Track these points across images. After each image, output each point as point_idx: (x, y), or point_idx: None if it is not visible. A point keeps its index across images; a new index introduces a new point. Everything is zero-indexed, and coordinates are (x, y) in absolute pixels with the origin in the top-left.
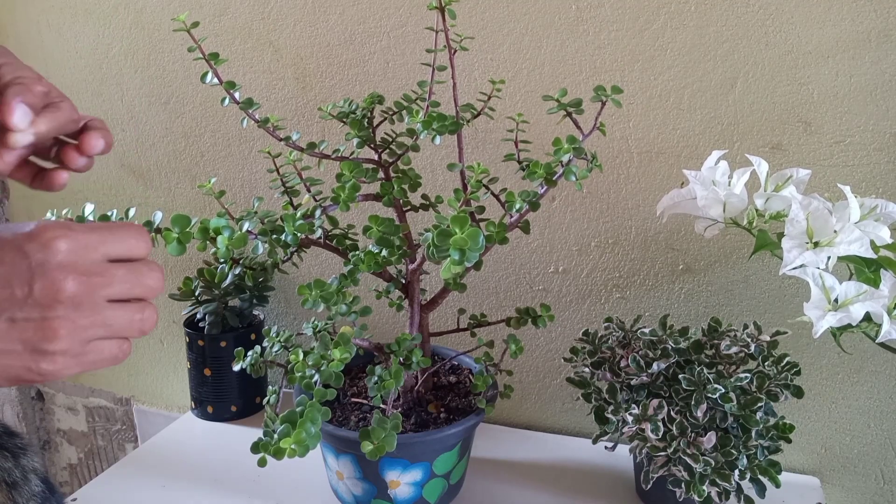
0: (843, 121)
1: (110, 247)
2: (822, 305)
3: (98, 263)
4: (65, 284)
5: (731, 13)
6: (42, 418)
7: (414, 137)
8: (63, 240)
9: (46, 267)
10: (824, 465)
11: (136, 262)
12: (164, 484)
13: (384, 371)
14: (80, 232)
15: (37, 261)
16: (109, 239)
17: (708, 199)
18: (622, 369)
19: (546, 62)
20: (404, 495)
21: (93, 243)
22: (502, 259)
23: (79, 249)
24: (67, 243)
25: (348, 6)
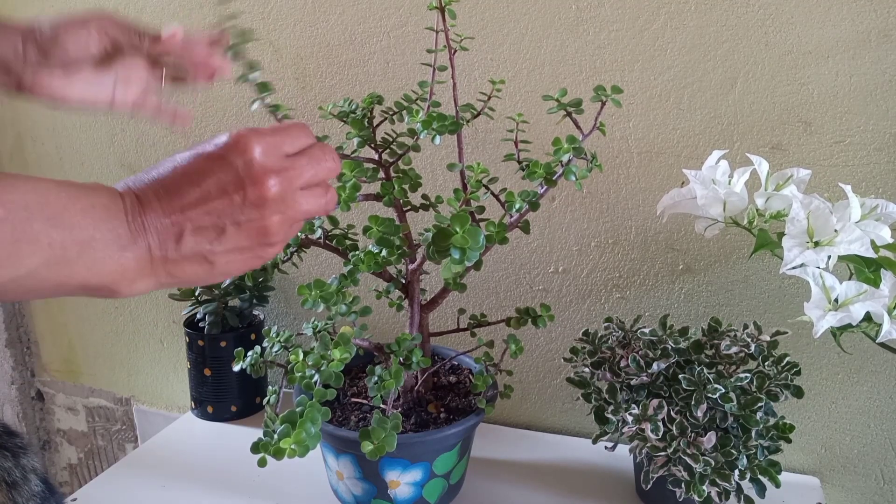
0: (843, 121)
1: (289, 144)
2: (823, 305)
3: (285, 159)
4: (269, 184)
5: (731, 13)
6: (42, 418)
7: (414, 137)
8: (257, 145)
9: (251, 171)
10: (824, 465)
11: (311, 150)
12: (164, 484)
13: (384, 371)
14: (267, 135)
15: (242, 167)
16: (287, 138)
17: (708, 199)
18: (622, 369)
19: (546, 62)
20: (404, 495)
21: (277, 143)
22: (502, 259)
23: (269, 150)
24: (260, 147)
25: (348, 6)
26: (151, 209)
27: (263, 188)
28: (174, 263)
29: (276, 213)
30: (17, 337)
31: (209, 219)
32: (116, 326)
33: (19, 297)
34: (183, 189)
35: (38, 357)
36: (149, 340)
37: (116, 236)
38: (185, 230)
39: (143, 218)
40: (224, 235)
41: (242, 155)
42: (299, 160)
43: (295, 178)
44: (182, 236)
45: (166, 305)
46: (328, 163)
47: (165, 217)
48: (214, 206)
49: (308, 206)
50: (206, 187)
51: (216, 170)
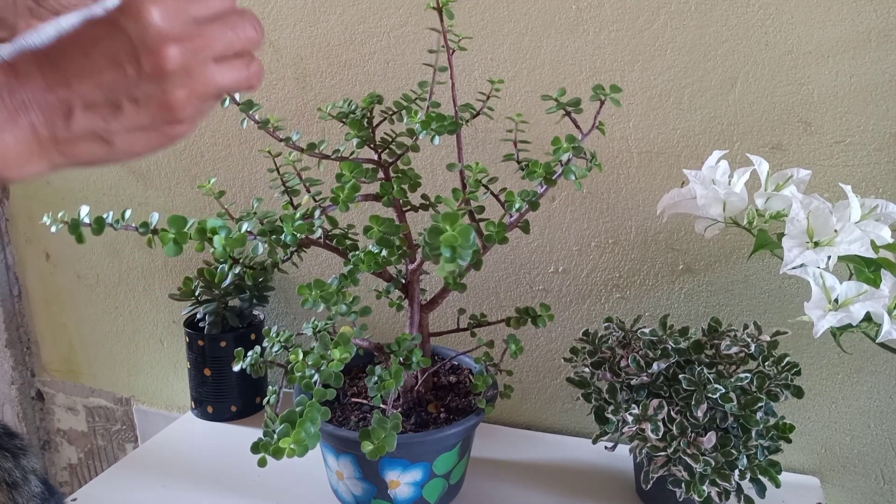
0: (843, 121)
1: (197, 7)
2: (823, 305)
3: (193, 25)
4: (168, 53)
5: (731, 13)
6: (42, 418)
7: (413, 137)
8: (154, 6)
9: (146, 39)
10: (824, 465)
11: (229, 15)
12: (164, 484)
13: (384, 371)
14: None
15: (135, 34)
16: (194, 1)
17: (708, 199)
18: (622, 369)
19: (546, 62)
20: (404, 495)
21: (181, 6)
22: (502, 259)
23: (169, 14)
24: (158, 10)
25: (348, 6)
26: (32, 82)
27: (161, 58)
28: (66, 143)
29: (179, 87)
30: (17, 337)
31: (101, 93)
32: (116, 326)
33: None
34: (68, 59)
35: (38, 357)
36: (149, 340)
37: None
38: (75, 106)
39: (22, 93)
40: (120, 112)
41: (136, 19)
42: (210, 27)
43: (203, 47)
44: (72, 113)
45: (166, 305)
46: (247, 30)
47: (50, 92)
48: (105, 78)
49: (222, 79)
50: (95, 57)
51: (105, 36)
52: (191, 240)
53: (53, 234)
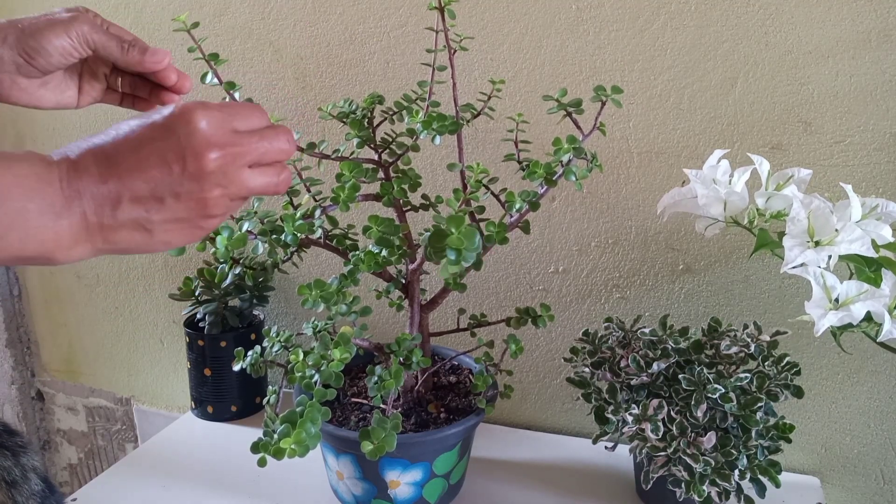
0: (843, 121)
1: (240, 121)
2: (824, 304)
3: (233, 135)
4: (210, 156)
5: (731, 13)
6: (42, 418)
7: (414, 137)
8: (203, 117)
9: (192, 143)
10: (824, 465)
11: (264, 129)
12: (164, 484)
13: (384, 371)
14: (214, 109)
15: (184, 137)
16: (238, 115)
17: (708, 198)
18: (622, 369)
19: (546, 62)
20: (404, 495)
21: (225, 118)
22: (502, 259)
23: (215, 124)
24: (206, 119)
25: (348, 6)
26: (88, 174)
27: (203, 161)
28: (111, 230)
29: (216, 188)
30: (17, 337)
31: (147, 187)
32: (116, 326)
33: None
34: (122, 156)
35: (38, 357)
36: (149, 340)
37: (50, 204)
38: (123, 197)
39: (79, 183)
40: (162, 205)
41: (186, 125)
42: (248, 137)
43: (241, 155)
44: (119, 203)
45: (166, 305)
46: (281, 143)
47: (102, 183)
48: (153, 174)
49: (254, 184)
50: (146, 155)
51: (158, 138)
52: None
53: None
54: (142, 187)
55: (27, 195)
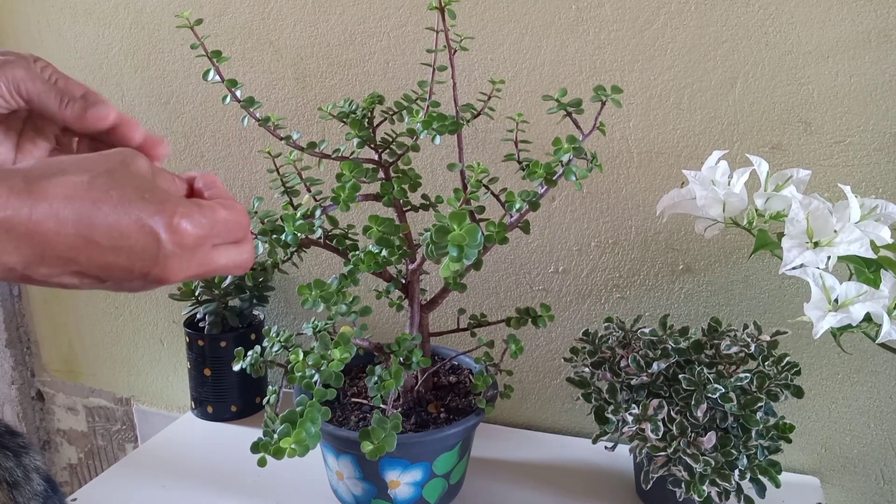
0: (843, 121)
1: (217, 236)
2: (823, 306)
3: (207, 242)
4: (178, 271)
5: (731, 13)
6: (42, 418)
7: (414, 137)
8: (191, 233)
9: (171, 259)
10: (824, 465)
11: (231, 213)
12: (164, 484)
13: (384, 371)
14: (200, 221)
15: (165, 253)
16: (218, 232)
17: (707, 199)
18: (622, 369)
19: (546, 62)
20: (404, 495)
21: (208, 236)
22: (502, 259)
23: (199, 240)
24: (194, 236)
25: (348, 6)
26: (41, 209)
27: (171, 275)
28: (25, 275)
29: (179, 263)
30: (17, 337)
31: (97, 272)
32: (116, 326)
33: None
34: (92, 229)
35: (38, 357)
36: (149, 340)
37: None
38: (61, 267)
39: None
40: (101, 284)
41: (173, 236)
42: (217, 228)
43: (208, 244)
44: (47, 265)
45: (166, 305)
46: (243, 219)
47: (56, 235)
48: (113, 267)
49: (220, 262)
50: (114, 257)
51: (133, 237)
52: None
53: None
54: (91, 269)
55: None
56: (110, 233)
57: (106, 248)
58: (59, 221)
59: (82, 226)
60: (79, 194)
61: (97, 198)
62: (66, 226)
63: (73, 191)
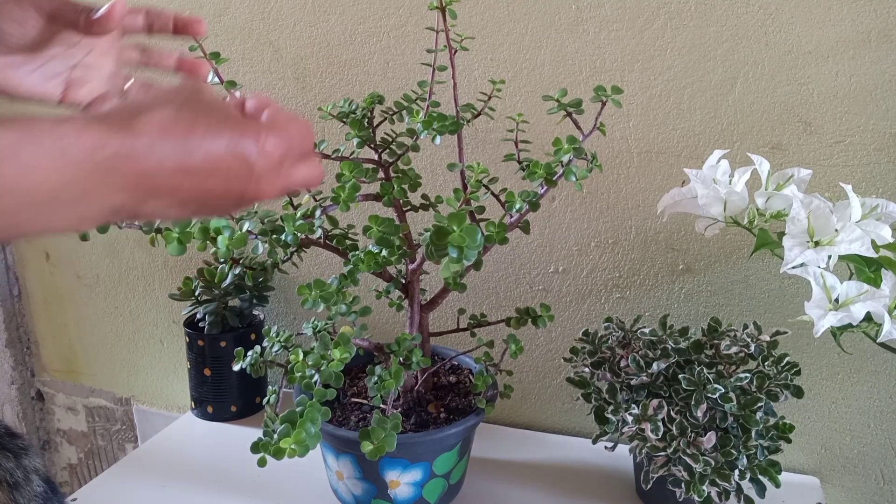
0: (843, 121)
1: (294, 151)
2: (824, 305)
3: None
4: (270, 186)
5: (731, 13)
6: (42, 418)
7: (414, 137)
8: (275, 151)
9: (262, 177)
10: (824, 465)
11: (301, 128)
12: (164, 484)
13: (384, 371)
14: (280, 139)
15: (257, 173)
16: (294, 146)
17: (708, 198)
18: (622, 369)
19: (546, 62)
20: (404, 495)
21: (288, 152)
22: (502, 259)
23: (282, 157)
24: (279, 153)
25: (348, 6)
26: (141, 144)
27: (261, 194)
28: (132, 210)
29: (265, 190)
30: (17, 337)
31: (196, 200)
32: (116, 326)
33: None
34: (190, 158)
35: (38, 357)
36: (149, 340)
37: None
38: (167, 198)
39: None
40: (201, 212)
41: (262, 159)
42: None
43: (288, 176)
44: (157, 198)
45: (166, 305)
46: (311, 138)
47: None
48: (211, 197)
49: (296, 178)
50: (213, 183)
51: (227, 164)
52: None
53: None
54: (190, 195)
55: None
56: (206, 160)
57: (204, 175)
58: (160, 155)
59: (180, 157)
60: (170, 127)
61: (187, 129)
62: (167, 159)
63: (164, 125)
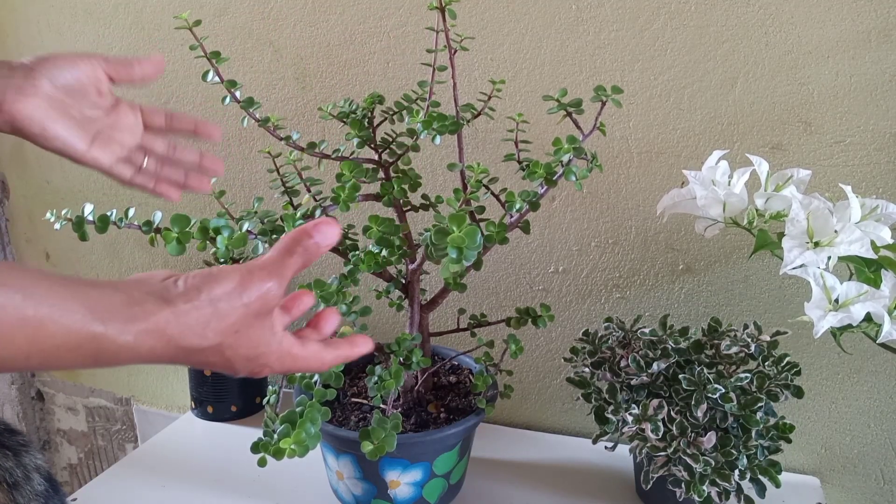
0: (843, 121)
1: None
2: (823, 305)
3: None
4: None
5: (731, 13)
6: (42, 418)
7: (414, 137)
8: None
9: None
10: (824, 465)
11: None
12: (164, 484)
13: (384, 371)
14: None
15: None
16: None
17: (707, 199)
18: (622, 369)
19: (546, 62)
20: (404, 495)
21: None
22: (502, 259)
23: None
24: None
25: (348, 6)
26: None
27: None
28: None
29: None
30: None
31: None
32: None
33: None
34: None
35: None
36: None
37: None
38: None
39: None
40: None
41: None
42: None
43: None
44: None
45: None
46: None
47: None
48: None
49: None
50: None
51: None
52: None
53: (53, 235)
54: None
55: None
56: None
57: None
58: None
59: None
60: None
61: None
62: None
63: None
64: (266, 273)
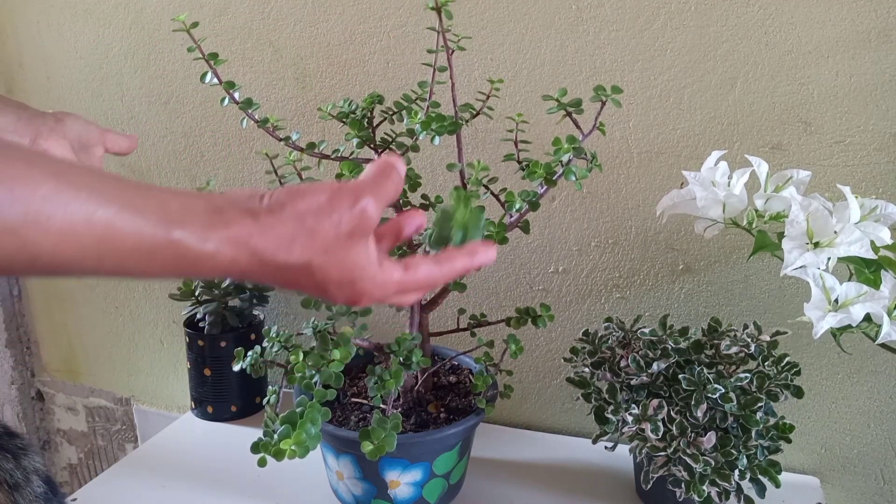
0: (843, 121)
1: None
2: (823, 306)
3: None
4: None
5: (731, 13)
6: (42, 418)
7: (413, 137)
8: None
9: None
10: (824, 465)
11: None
12: (164, 484)
13: (384, 371)
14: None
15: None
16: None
17: (707, 200)
18: (622, 369)
19: (546, 62)
20: (404, 495)
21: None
22: (502, 259)
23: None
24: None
25: (348, 6)
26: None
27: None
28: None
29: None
30: (17, 337)
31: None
32: (116, 326)
33: None
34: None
35: (38, 357)
36: (149, 340)
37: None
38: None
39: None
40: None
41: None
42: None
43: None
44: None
45: (166, 305)
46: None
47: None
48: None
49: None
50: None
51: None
52: None
53: None
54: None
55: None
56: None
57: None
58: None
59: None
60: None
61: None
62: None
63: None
64: (359, 191)
